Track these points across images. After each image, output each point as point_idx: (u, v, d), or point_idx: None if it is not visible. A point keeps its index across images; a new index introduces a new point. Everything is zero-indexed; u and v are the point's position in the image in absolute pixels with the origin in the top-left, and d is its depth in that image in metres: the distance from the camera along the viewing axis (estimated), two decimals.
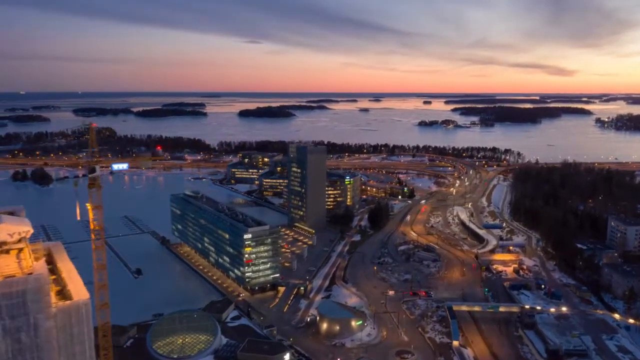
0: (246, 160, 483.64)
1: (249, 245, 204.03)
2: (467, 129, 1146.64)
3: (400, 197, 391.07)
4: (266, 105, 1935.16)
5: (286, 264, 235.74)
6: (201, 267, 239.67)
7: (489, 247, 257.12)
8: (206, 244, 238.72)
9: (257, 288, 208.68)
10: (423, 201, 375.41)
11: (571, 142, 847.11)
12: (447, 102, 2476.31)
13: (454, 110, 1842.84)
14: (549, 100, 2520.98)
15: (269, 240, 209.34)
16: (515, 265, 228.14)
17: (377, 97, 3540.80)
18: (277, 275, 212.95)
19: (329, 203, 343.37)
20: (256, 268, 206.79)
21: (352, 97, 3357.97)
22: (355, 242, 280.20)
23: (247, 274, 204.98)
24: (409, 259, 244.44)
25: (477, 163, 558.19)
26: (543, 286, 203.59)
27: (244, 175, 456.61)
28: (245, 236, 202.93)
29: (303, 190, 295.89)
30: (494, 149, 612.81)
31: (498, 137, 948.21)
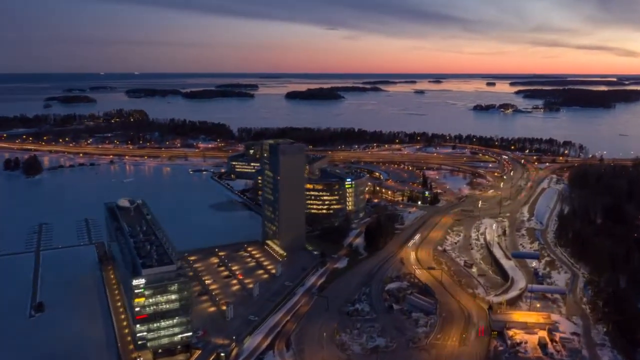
0: (250, 151, 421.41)
1: (141, 295, 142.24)
2: (527, 114, 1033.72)
3: (420, 202, 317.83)
4: (317, 86, 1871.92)
5: (223, 307, 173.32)
6: (119, 305, 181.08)
7: (513, 292, 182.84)
8: (119, 279, 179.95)
9: (160, 351, 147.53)
10: (450, 209, 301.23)
11: None
12: (512, 84, 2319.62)
13: (518, 92, 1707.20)
14: (626, 82, 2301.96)
15: (176, 286, 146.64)
16: (544, 333, 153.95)
17: (438, 78, 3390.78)
18: (190, 333, 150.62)
19: (324, 211, 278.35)
20: (155, 325, 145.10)
21: (411, 78, 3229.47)
22: (337, 271, 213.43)
23: (140, 334, 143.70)
24: (392, 307, 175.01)
25: (522, 159, 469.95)
26: None
27: (245, 169, 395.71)
28: (135, 282, 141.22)
29: (275, 199, 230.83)
30: (550, 141, 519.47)
31: (561, 124, 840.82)
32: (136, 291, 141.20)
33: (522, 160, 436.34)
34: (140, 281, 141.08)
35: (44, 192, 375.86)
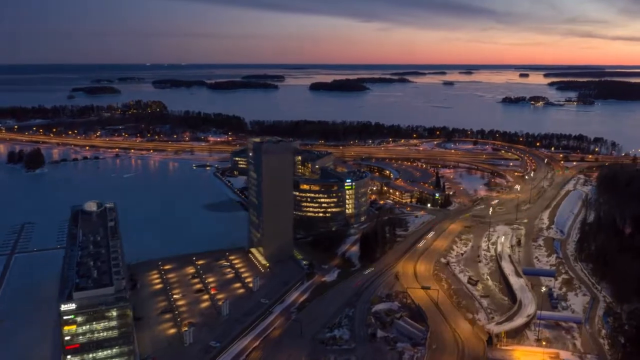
0: None
1: (72, 322, 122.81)
2: (559, 108, 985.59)
3: (429, 205, 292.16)
4: (344, 77, 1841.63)
5: (184, 329, 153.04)
6: None
7: (519, 320, 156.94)
8: None
9: None
10: (461, 213, 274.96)
11: None
12: (546, 75, 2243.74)
13: (551, 84, 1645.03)
14: None
15: (114, 312, 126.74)
16: None
17: (469, 69, 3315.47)
18: None
19: (320, 215, 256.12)
20: (90, 357, 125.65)
21: (441, 69, 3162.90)
22: (324, 286, 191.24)
23: None
24: (375, 336, 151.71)
25: (547, 156, 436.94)
26: None
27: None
28: (64, 307, 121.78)
29: (259, 204, 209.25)
30: (580, 137, 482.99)
31: (594, 119, 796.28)
32: (65, 318, 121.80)
33: (546, 160, 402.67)
34: (70, 306, 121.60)
35: (39, 187, 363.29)
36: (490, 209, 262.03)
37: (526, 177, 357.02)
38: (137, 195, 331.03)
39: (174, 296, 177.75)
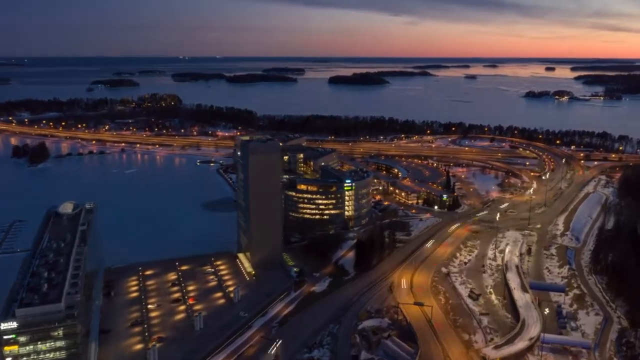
0: None
1: (13, 342, 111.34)
2: (584, 103, 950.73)
3: (436, 207, 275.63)
4: (364, 71, 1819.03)
5: (151, 344, 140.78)
6: None
7: (521, 343, 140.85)
8: None
9: None
10: (470, 216, 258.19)
11: None
12: (573, 69, 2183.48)
13: (577, 78, 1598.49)
14: None
15: (62, 331, 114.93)
16: None
17: (494, 62, 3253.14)
18: None
19: (317, 216, 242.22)
20: None
21: (465, 62, 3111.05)
22: (313, 297, 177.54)
23: None
24: (357, 358, 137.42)
25: (565, 155, 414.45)
26: None
27: None
28: (4, 326, 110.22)
29: (246, 206, 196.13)
30: (604, 135, 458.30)
31: (621, 114, 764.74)
32: (6, 337, 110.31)
33: (564, 160, 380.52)
34: (11, 325, 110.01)
35: (39, 182, 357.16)
36: (498, 213, 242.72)
37: (543, 177, 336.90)
38: (135, 192, 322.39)
39: (149, 306, 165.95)
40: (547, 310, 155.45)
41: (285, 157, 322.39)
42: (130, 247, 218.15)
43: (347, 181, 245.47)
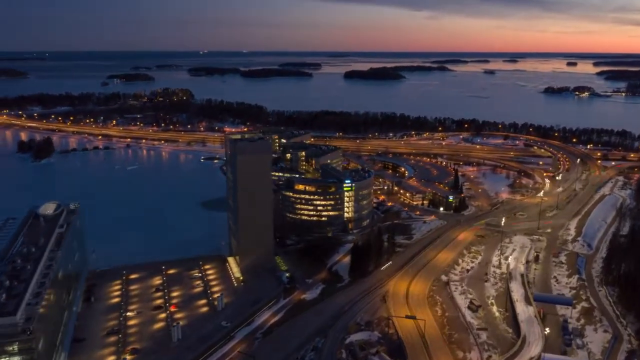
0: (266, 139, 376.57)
1: None
2: (605, 99, 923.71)
3: (442, 208, 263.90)
4: (381, 65, 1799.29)
5: (124, 356, 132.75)
6: None
7: None
8: None
9: None
10: (477, 219, 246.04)
11: None
12: (595, 64, 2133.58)
13: (600, 74, 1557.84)
14: None
15: (16, 346, 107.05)
16: None
17: (514, 57, 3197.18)
18: None
19: (314, 218, 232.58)
20: None
21: (485, 57, 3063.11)
22: (303, 305, 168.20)
23: None
24: None
25: (581, 154, 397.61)
26: None
27: None
28: None
29: (235, 208, 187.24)
30: (623, 133, 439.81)
31: None
32: None
33: (578, 159, 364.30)
34: None
35: (40, 178, 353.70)
36: (504, 218, 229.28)
37: (557, 177, 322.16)
38: (134, 189, 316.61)
39: (128, 313, 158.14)
40: (547, 330, 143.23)
41: (288, 155, 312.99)
42: (120, 248, 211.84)
43: (346, 181, 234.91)
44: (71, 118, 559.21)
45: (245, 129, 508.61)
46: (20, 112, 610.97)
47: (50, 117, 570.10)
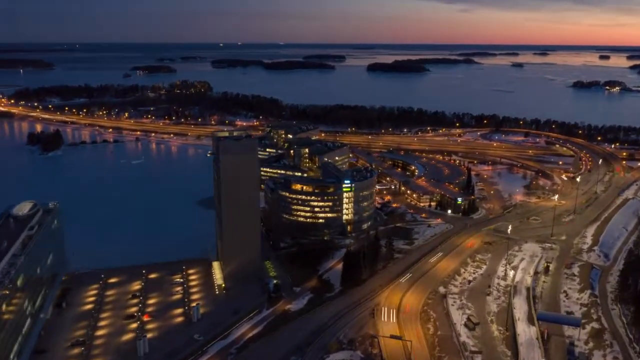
0: (272, 133, 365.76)
1: None
2: (638, 94, 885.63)
3: (450, 211, 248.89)
4: (405, 58, 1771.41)
5: None
6: None
7: None
8: None
9: None
10: (486, 224, 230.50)
11: None
12: (629, 58, 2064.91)
13: (633, 67, 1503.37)
14: None
15: None
16: None
17: (545, 50, 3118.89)
18: None
19: (311, 220, 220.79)
20: None
21: (514, 50, 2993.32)
22: (286, 317, 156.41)
23: None
24: None
25: (604, 153, 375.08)
26: None
27: (259, 155, 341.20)
28: None
29: (220, 210, 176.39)
30: None
31: None
32: None
33: (600, 160, 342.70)
34: None
35: (44, 171, 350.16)
36: (510, 225, 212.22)
37: (577, 178, 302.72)
38: (133, 185, 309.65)
39: (99, 322, 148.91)
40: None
41: (291, 152, 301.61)
42: (107, 249, 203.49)
43: (346, 181, 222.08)
44: (84, 110, 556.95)
45: (257, 123, 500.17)
46: (36, 104, 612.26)
47: (65, 109, 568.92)
